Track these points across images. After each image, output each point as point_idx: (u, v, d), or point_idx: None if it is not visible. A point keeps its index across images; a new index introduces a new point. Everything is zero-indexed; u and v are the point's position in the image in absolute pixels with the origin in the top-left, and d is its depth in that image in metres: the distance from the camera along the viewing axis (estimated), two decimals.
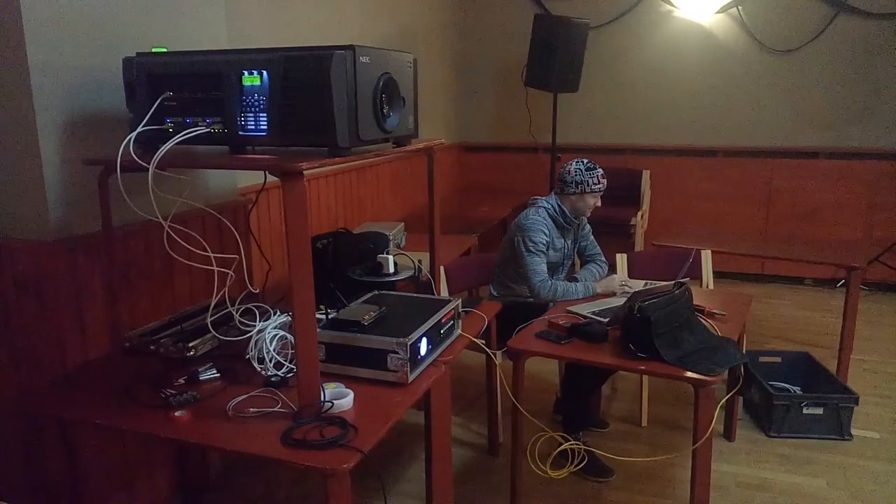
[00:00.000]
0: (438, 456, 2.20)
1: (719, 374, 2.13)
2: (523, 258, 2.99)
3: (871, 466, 2.89)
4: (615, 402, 3.52)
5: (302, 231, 1.63)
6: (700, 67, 5.54)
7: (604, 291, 2.95)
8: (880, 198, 5.25)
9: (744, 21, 5.35)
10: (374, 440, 1.65)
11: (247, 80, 1.79)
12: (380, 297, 2.34)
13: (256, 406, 1.80)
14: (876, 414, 3.33)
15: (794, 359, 3.54)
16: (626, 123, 5.82)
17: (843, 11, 5.11)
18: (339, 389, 1.86)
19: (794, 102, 5.37)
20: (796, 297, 5.24)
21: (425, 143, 2.33)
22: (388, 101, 1.94)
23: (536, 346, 2.41)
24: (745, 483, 2.78)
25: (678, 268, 3.21)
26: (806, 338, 4.31)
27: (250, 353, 2.01)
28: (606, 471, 2.80)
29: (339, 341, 1.98)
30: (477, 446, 3.10)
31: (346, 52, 1.72)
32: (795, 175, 5.43)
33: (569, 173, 3.05)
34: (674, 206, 5.72)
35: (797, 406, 3.10)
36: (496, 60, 6.05)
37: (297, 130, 1.79)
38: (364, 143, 1.85)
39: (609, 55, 5.71)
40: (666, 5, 5.52)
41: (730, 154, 5.58)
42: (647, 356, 2.19)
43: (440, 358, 2.15)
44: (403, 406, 1.85)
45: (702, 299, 2.78)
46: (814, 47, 5.23)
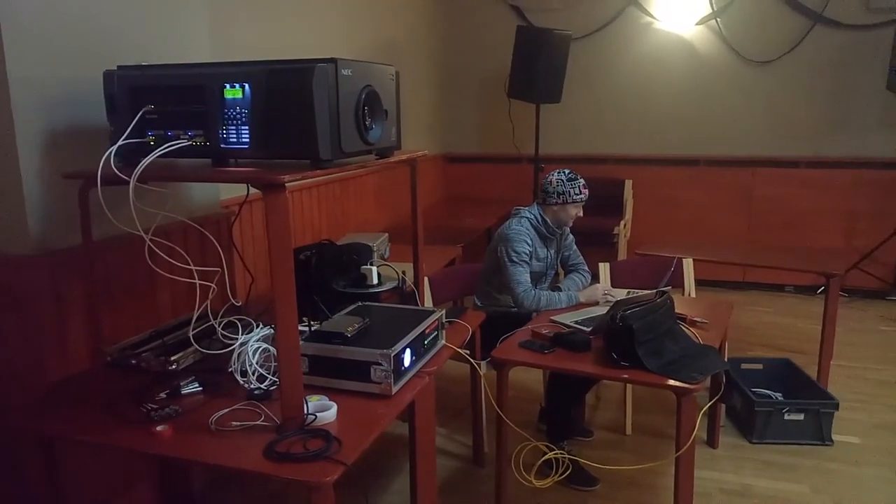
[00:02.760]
0: (423, 467, 2.19)
1: (701, 382, 2.15)
2: (507, 268, 3.00)
3: (851, 471, 2.93)
4: (599, 410, 3.53)
5: (284, 243, 1.63)
6: (681, 78, 5.60)
7: (587, 300, 2.97)
8: (858, 206, 5.33)
9: (722, 33, 5.43)
10: (358, 452, 1.65)
11: (229, 93, 1.79)
12: (363, 308, 2.34)
13: (239, 419, 1.79)
14: (856, 419, 3.37)
15: (775, 365, 3.57)
16: (609, 133, 5.87)
17: (819, 23, 5.20)
18: (322, 402, 1.86)
19: (774, 112, 5.45)
20: (777, 304, 5.30)
21: (408, 154, 2.34)
22: (371, 113, 1.95)
23: (520, 356, 2.42)
24: (728, 490, 2.80)
25: (660, 276, 3.23)
26: (787, 344, 4.36)
27: (233, 366, 2.00)
28: (591, 480, 2.81)
29: (322, 353, 1.98)
30: (462, 457, 3.10)
31: (329, 64, 1.73)
32: (776, 184, 5.51)
33: (550, 184, 3.07)
34: (656, 215, 5.77)
35: (778, 412, 3.13)
36: (479, 72, 6.09)
37: (279, 143, 1.79)
38: (346, 156, 1.86)
39: (591, 66, 5.77)
40: (646, 17, 5.59)
41: (711, 163, 5.65)
42: (629, 365, 2.21)
43: (424, 369, 2.15)
44: (387, 418, 1.84)
45: (684, 307, 2.80)
46: (791, 58, 5.31)
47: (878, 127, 5.19)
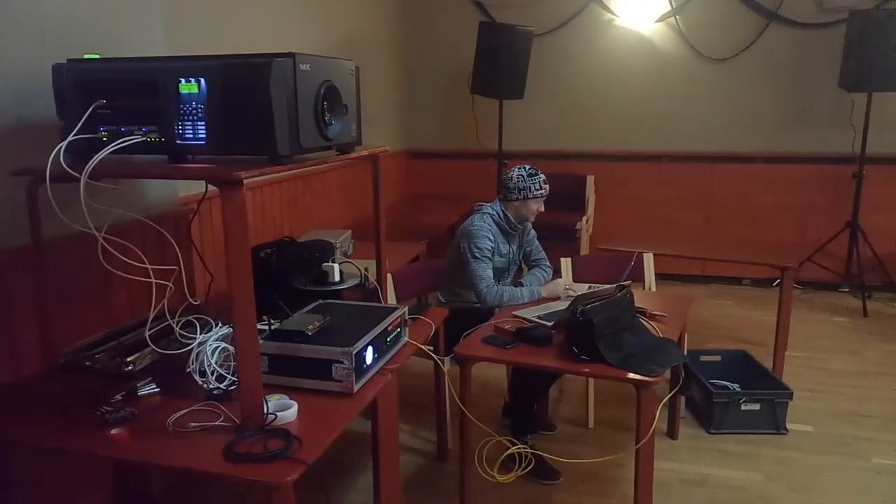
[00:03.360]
0: (386, 464, 2.19)
1: (660, 375, 2.19)
2: (469, 264, 3.01)
3: (805, 459, 3.01)
4: (562, 404, 3.57)
5: (241, 241, 1.61)
6: (641, 75, 5.68)
7: (548, 295, 3.00)
8: (812, 200, 5.48)
9: (681, 30, 5.51)
10: (319, 451, 1.64)
11: (184, 88, 1.75)
12: (325, 306, 2.32)
13: (198, 420, 1.76)
14: (809, 408, 3.47)
15: (732, 357, 3.65)
16: (571, 129, 5.92)
17: (775, 21, 5.32)
18: (282, 401, 1.84)
19: (732, 108, 5.56)
20: (736, 296, 5.42)
21: (369, 150, 2.33)
22: (330, 108, 1.93)
23: (483, 352, 2.43)
24: (687, 480, 2.85)
25: (621, 271, 3.27)
26: (745, 336, 4.46)
27: (191, 366, 1.96)
28: (554, 473, 2.84)
29: (282, 352, 1.96)
30: (426, 453, 3.11)
31: (286, 59, 1.71)
32: (734, 179, 5.62)
33: (511, 179, 3.09)
34: (618, 210, 5.84)
35: (736, 403, 3.20)
36: (442, 67, 6.08)
37: (236, 139, 1.76)
38: (305, 151, 1.84)
39: (553, 63, 5.81)
40: (607, 14, 5.65)
41: (672, 159, 5.74)
42: (590, 358, 2.23)
43: (387, 366, 2.14)
44: (349, 416, 1.83)
45: (644, 301, 2.84)
46: (748, 56, 5.43)
47: (830, 123, 5.33)
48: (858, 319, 4.85)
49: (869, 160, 5.06)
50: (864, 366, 4.03)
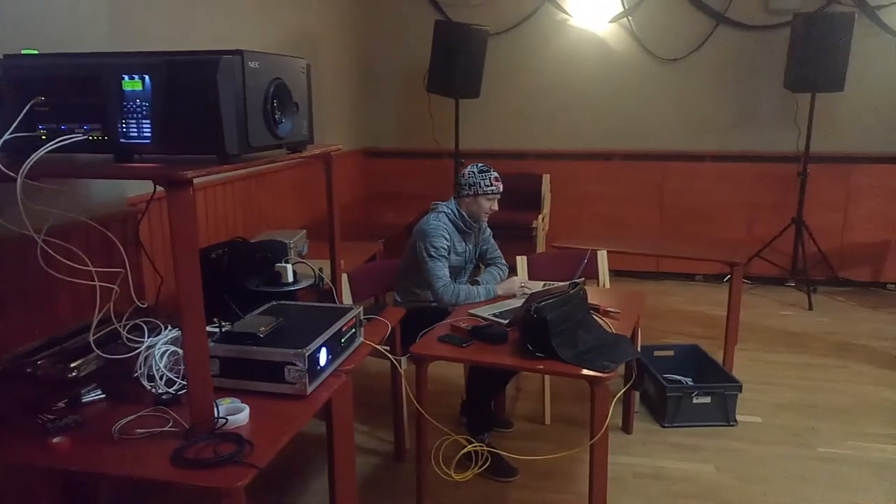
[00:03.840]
0: (341, 466, 2.17)
1: (613, 371, 2.22)
2: (425, 263, 3.00)
3: (754, 449, 3.09)
4: (519, 401, 3.59)
5: (189, 242, 1.57)
6: (595, 74, 5.75)
7: (504, 293, 3.01)
8: (760, 198, 5.63)
9: (634, 31, 5.60)
10: (271, 455, 1.61)
11: (127, 85, 1.70)
12: (278, 307, 2.29)
13: (145, 426, 1.72)
14: (758, 400, 3.56)
15: (685, 351, 3.73)
16: (527, 129, 5.96)
17: (723, 23, 5.44)
18: (234, 405, 1.81)
19: (682, 108, 5.68)
20: (688, 292, 5.54)
21: (322, 149, 2.30)
22: (281, 106, 1.90)
23: (439, 351, 2.43)
24: (641, 473, 2.90)
25: (576, 268, 3.32)
26: (697, 331, 4.55)
27: (139, 370, 1.92)
28: (511, 470, 2.85)
29: (233, 355, 1.93)
30: (383, 453, 3.09)
31: (234, 56, 1.67)
32: (685, 177, 5.74)
33: (463, 176, 3.10)
34: (573, 208, 5.91)
35: (688, 396, 3.27)
36: (398, 66, 6.06)
37: (183, 137, 1.72)
38: (255, 150, 1.81)
39: (509, 62, 5.84)
40: (561, 14, 5.70)
41: (625, 158, 5.83)
42: (544, 356, 2.25)
43: (341, 367, 2.12)
44: (302, 418, 1.81)
45: (597, 298, 2.88)
46: (698, 56, 5.54)
47: (777, 123, 5.48)
48: (804, 313, 5.00)
49: (813, 159, 5.23)
50: (810, 358, 4.16)
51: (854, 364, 4.05)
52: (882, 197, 5.39)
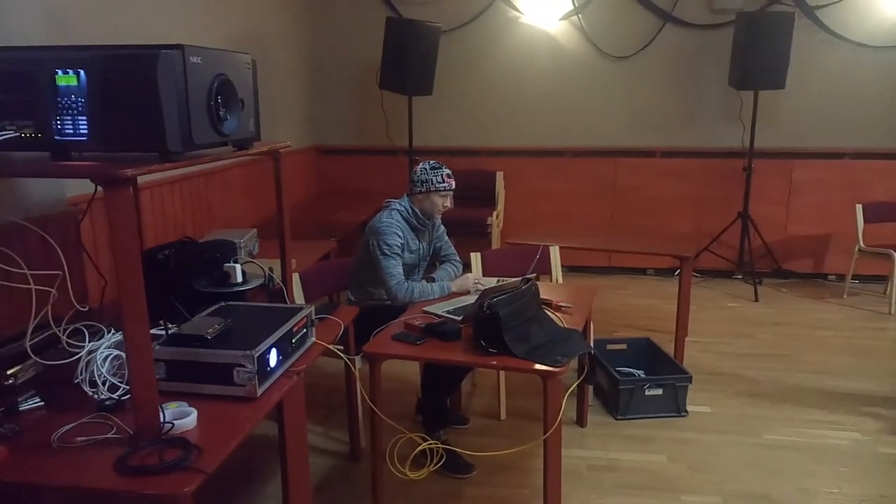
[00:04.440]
0: (294, 468, 2.13)
1: (565, 365, 2.23)
2: (379, 261, 2.98)
3: (704, 439, 3.16)
4: (475, 397, 3.60)
5: (130, 243, 1.52)
6: (547, 71, 5.80)
7: (458, 290, 3.01)
8: (708, 192, 5.76)
9: (584, 28, 5.67)
10: (220, 459, 1.58)
11: (61, 80, 1.63)
12: (226, 308, 2.24)
13: (87, 434, 1.66)
14: (707, 390, 3.65)
15: (637, 344, 3.80)
16: (480, 126, 5.98)
17: (670, 22, 5.55)
18: (181, 409, 1.76)
19: (632, 105, 5.77)
20: (640, 286, 5.63)
21: (269, 145, 2.26)
22: (225, 103, 1.86)
23: (392, 349, 2.41)
24: (595, 466, 2.94)
25: (529, 264, 3.34)
26: (649, 324, 4.64)
27: (80, 376, 1.85)
28: (466, 467, 2.86)
29: (180, 357, 1.88)
30: (339, 453, 3.06)
31: (175, 51, 1.63)
32: (635, 173, 5.84)
33: (415, 173, 3.09)
34: (527, 205, 5.95)
35: (640, 389, 3.33)
36: (350, 63, 6.01)
37: (122, 135, 1.66)
38: (199, 148, 1.76)
39: (461, 59, 5.84)
40: (513, 11, 5.73)
41: (577, 154, 5.90)
42: (497, 351, 2.26)
43: (293, 368, 2.09)
44: (252, 421, 1.77)
45: (549, 293, 2.91)
46: (646, 54, 5.64)
47: (722, 119, 5.62)
48: (751, 305, 5.14)
49: (757, 154, 5.38)
50: (757, 348, 4.28)
51: (798, 353, 4.18)
52: (822, 191, 5.58)
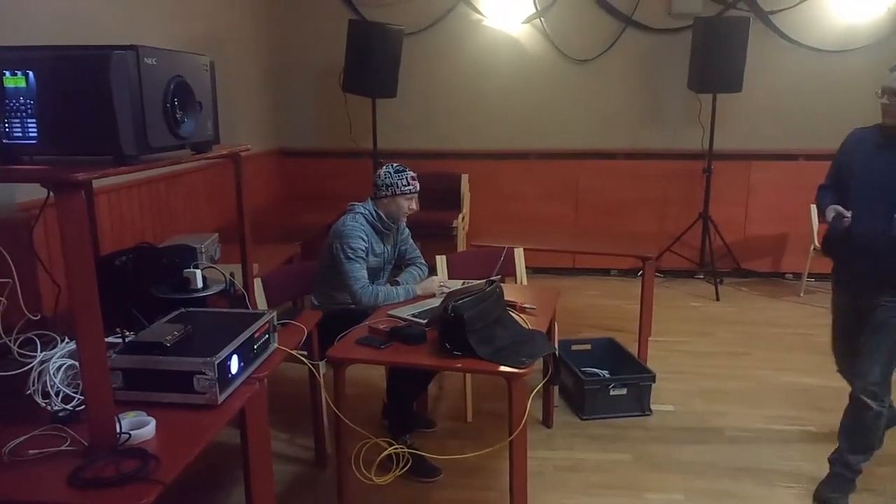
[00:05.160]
0: (258, 475, 2.10)
1: (529, 366, 2.24)
2: (343, 265, 2.95)
3: (668, 437, 3.20)
4: (442, 400, 3.59)
5: (82, 249, 1.48)
6: (510, 74, 5.83)
7: (424, 293, 3.00)
8: (670, 194, 5.85)
9: (547, 32, 5.71)
10: (179, 469, 1.54)
11: (9, 82, 1.59)
12: (186, 315, 2.20)
13: (40, 447, 1.61)
14: (671, 389, 3.69)
15: (601, 345, 3.83)
16: (445, 128, 5.98)
17: (630, 26, 5.63)
18: (139, 418, 1.72)
19: (594, 107, 5.83)
20: (604, 287, 5.69)
21: (229, 148, 2.23)
22: (182, 105, 1.83)
23: (356, 354, 2.39)
24: (561, 466, 2.95)
25: (494, 266, 3.35)
26: (613, 324, 4.68)
27: (32, 387, 1.79)
28: (433, 470, 2.85)
29: (138, 366, 1.84)
30: (304, 460, 3.02)
31: (128, 52, 1.59)
32: (598, 175, 5.90)
33: (379, 177, 3.07)
34: (493, 207, 5.97)
35: (605, 389, 3.36)
36: (313, 65, 5.96)
37: (75, 138, 1.62)
38: (155, 151, 1.73)
39: (425, 62, 5.84)
40: (476, 14, 5.75)
41: (541, 156, 5.94)
42: (462, 353, 2.26)
43: (255, 374, 2.06)
44: (213, 429, 1.74)
45: (514, 295, 2.92)
46: (607, 57, 5.71)
47: (683, 122, 5.71)
48: (712, 304, 5.24)
49: (716, 156, 5.48)
50: (718, 346, 4.35)
51: (757, 350, 4.26)
52: (778, 192, 5.71)
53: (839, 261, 2.78)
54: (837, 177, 2.75)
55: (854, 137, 2.71)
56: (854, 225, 2.53)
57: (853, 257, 2.63)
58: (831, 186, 2.77)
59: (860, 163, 2.61)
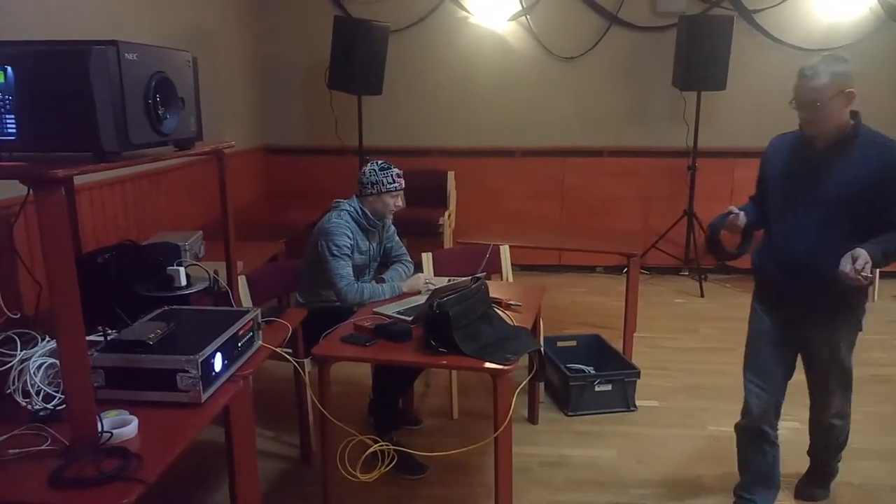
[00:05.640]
0: (243, 473, 2.09)
1: (514, 362, 2.25)
2: (328, 262, 2.94)
3: (652, 432, 3.22)
4: (428, 397, 3.59)
5: (63, 246, 1.47)
6: (496, 71, 5.83)
7: (409, 290, 3.00)
8: (655, 191, 5.88)
9: (532, 29, 5.72)
10: (162, 468, 1.54)
11: None
12: (170, 312, 2.18)
13: (20, 446, 1.59)
14: (655, 385, 3.72)
15: (587, 341, 3.85)
16: (431, 125, 5.97)
17: (615, 23, 5.65)
18: (121, 417, 1.71)
19: (580, 105, 5.85)
20: (590, 284, 5.72)
21: (212, 145, 2.21)
22: (164, 101, 1.81)
23: (341, 351, 2.39)
24: (546, 462, 2.97)
25: (480, 263, 3.35)
26: (598, 321, 4.70)
27: (12, 386, 1.77)
28: (419, 467, 2.85)
29: (121, 364, 1.83)
30: (290, 458, 3.02)
31: (108, 47, 1.58)
32: (584, 172, 5.92)
33: (364, 174, 3.07)
34: (479, 205, 5.98)
35: (590, 385, 3.37)
36: (299, 62, 5.93)
37: (54, 134, 1.61)
38: (136, 147, 1.71)
39: (411, 59, 5.82)
40: (462, 12, 5.75)
41: (526, 154, 5.95)
42: (448, 350, 2.26)
43: (239, 372, 2.05)
44: (196, 427, 1.74)
45: (499, 292, 2.92)
46: (593, 55, 5.73)
47: (668, 119, 5.75)
48: (696, 300, 5.28)
49: (701, 154, 5.52)
50: (702, 342, 4.39)
51: (741, 346, 4.23)
52: None
53: (764, 280, 2.48)
54: (761, 190, 2.49)
55: (773, 148, 2.44)
56: (780, 243, 2.32)
57: (781, 279, 2.36)
58: (757, 200, 2.53)
59: (782, 175, 2.35)
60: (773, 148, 2.44)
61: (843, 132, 2.18)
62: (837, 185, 2.18)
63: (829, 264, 2.09)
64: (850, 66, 2.17)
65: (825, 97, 2.10)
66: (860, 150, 2.17)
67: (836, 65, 2.13)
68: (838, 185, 2.17)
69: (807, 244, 2.24)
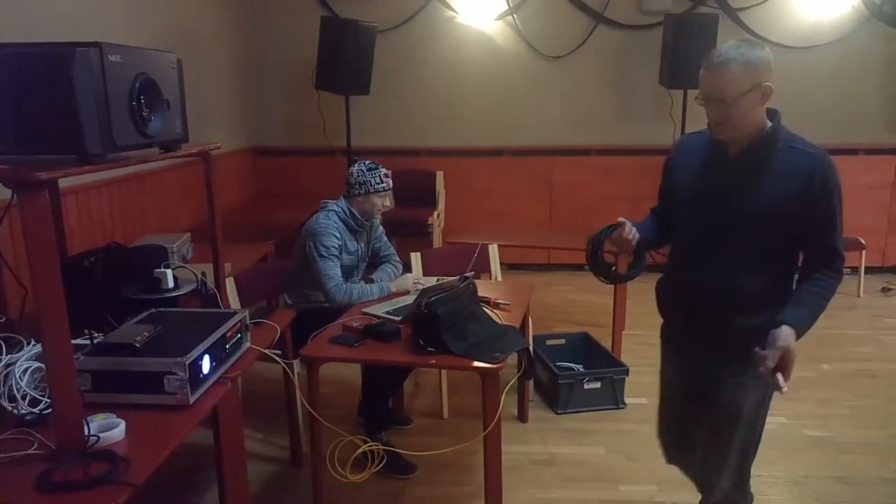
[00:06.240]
0: (232, 475, 2.09)
1: (502, 361, 2.26)
2: (316, 263, 2.94)
3: (641, 429, 3.24)
4: (418, 397, 3.60)
5: (47, 249, 1.46)
6: (484, 71, 5.84)
7: (398, 290, 3.00)
8: (643, 189, 5.88)
9: (519, 28, 5.73)
10: (149, 471, 1.53)
11: None
12: (157, 315, 2.17)
13: (6, 451, 1.58)
14: (644, 382, 3.72)
15: (575, 339, 3.86)
16: (419, 126, 5.98)
17: (602, 22, 5.67)
18: (108, 420, 1.70)
19: (567, 104, 5.87)
20: (578, 282, 5.73)
21: (198, 147, 2.21)
22: (149, 103, 1.81)
23: (330, 352, 2.39)
24: (536, 460, 2.98)
25: (469, 263, 3.36)
26: (587, 319, 4.71)
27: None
28: (409, 467, 2.85)
29: (107, 367, 1.82)
30: (280, 459, 3.01)
31: (91, 49, 1.57)
32: (572, 171, 5.94)
33: (352, 175, 3.07)
34: (468, 204, 5.98)
35: (579, 383, 3.39)
36: (286, 63, 5.91)
37: (38, 136, 1.60)
38: (121, 149, 1.71)
39: (398, 59, 5.82)
40: (449, 11, 5.75)
41: (515, 153, 5.96)
42: (436, 350, 2.26)
43: (227, 374, 2.04)
44: (184, 430, 1.73)
45: (488, 291, 2.93)
46: (580, 54, 5.75)
47: (655, 117, 5.78)
48: None
49: None
50: None
51: None
52: None
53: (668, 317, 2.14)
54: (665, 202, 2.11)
55: (681, 151, 2.01)
56: (682, 270, 1.99)
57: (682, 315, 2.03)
58: (660, 213, 2.17)
59: (689, 186, 1.93)
60: (681, 150, 2.02)
61: (759, 136, 1.77)
62: (753, 202, 1.78)
63: (739, 300, 1.78)
64: (769, 52, 1.74)
65: (736, 92, 1.69)
66: (781, 158, 1.76)
67: (751, 50, 1.71)
68: (754, 202, 1.78)
69: (713, 273, 1.87)
